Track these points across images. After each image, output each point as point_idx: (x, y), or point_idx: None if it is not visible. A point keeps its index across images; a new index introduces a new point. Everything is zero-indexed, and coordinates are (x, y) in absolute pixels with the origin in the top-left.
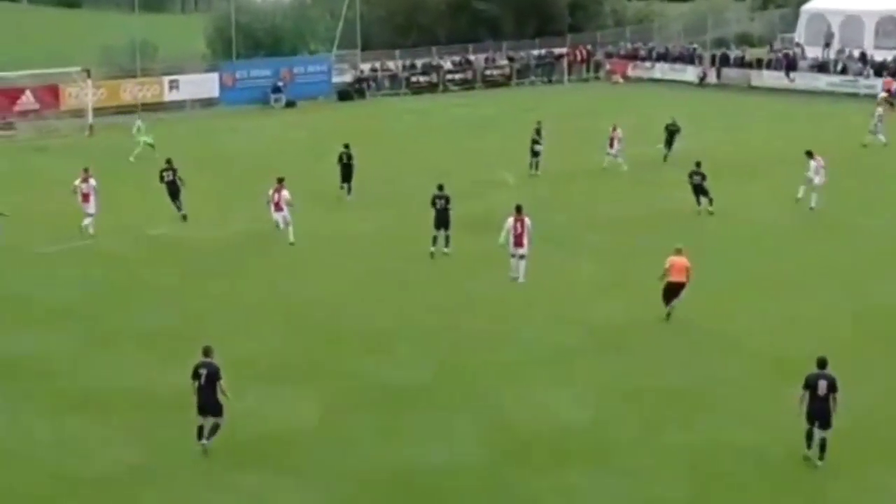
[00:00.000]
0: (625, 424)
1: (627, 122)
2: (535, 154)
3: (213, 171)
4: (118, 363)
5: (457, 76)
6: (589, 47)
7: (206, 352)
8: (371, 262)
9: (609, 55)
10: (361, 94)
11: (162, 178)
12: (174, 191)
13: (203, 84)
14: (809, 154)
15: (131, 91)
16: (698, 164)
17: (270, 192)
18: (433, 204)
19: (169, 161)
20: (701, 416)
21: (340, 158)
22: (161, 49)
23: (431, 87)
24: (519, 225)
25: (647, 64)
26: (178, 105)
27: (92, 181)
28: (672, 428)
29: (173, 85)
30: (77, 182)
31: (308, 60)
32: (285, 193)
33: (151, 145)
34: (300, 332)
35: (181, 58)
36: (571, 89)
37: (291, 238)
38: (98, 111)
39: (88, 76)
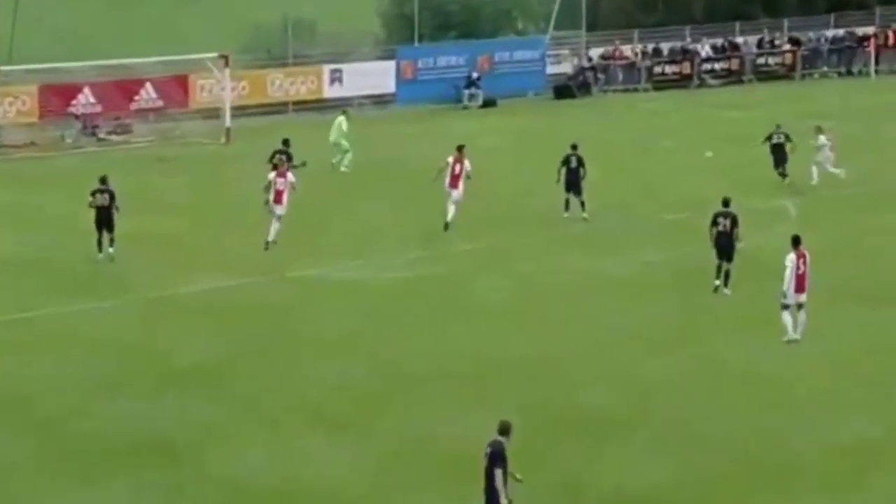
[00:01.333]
0: None
1: None
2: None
3: (390, 191)
4: (274, 449)
5: (718, 66)
6: None
7: (502, 429)
8: (608, 312)
9: None
10: (586, 89)
11: (275, 161)
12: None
13: (375, 75)
14: None
15: (281, 84)
16: None
17: (450, 159)
18: (714, 224)
19: (280, 150)
20: None
21: (566, 162)
22: (320, 29)
23: (683, 81)
24: (801, 262)
25: None
26: (343, 103)
27: (291, 176)
28: None
29: (336, 76)
30: (271, 176)
31: (515, 44)
32: (467, 164)
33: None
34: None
35: (347, 41)
36: (881, 85)
37: (450, 218)
38: (237, 110)
39: (226, 64)
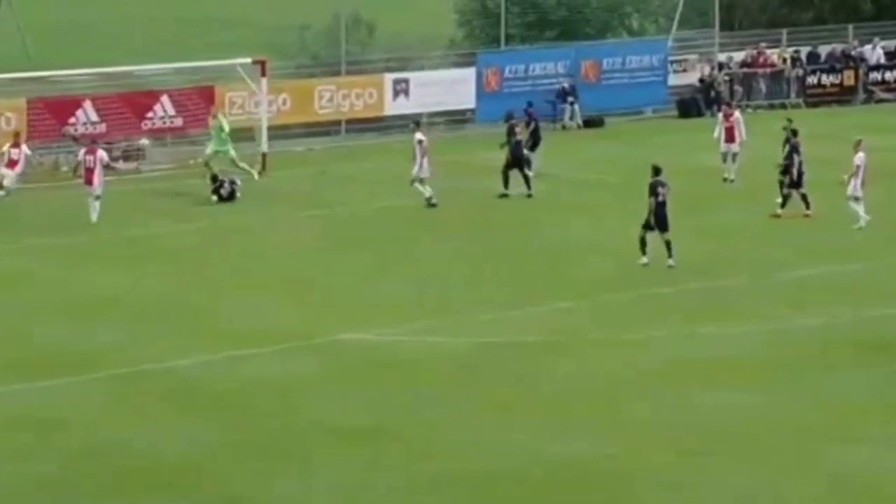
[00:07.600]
0: None
1: None
2: None
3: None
4: None
5: (890, 76)
6: None
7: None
8: None
9: None
10: (718, 103)
11: None
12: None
13: (450, 87)
14: None
15: (332, 98)
16: None
17: (80, 153)
18: (654, 194)
19: None
20: None
21: (653, 192)
22: (381, 29)
23: (845, 95)
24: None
25: None
26: (408, 121)
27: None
28: None
29: (400, 88)
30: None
31: (629, 47)
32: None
33: None
34: None
35: (415, 44)
36: None
37: None
38: (276, 130)
39: (263, 73)
